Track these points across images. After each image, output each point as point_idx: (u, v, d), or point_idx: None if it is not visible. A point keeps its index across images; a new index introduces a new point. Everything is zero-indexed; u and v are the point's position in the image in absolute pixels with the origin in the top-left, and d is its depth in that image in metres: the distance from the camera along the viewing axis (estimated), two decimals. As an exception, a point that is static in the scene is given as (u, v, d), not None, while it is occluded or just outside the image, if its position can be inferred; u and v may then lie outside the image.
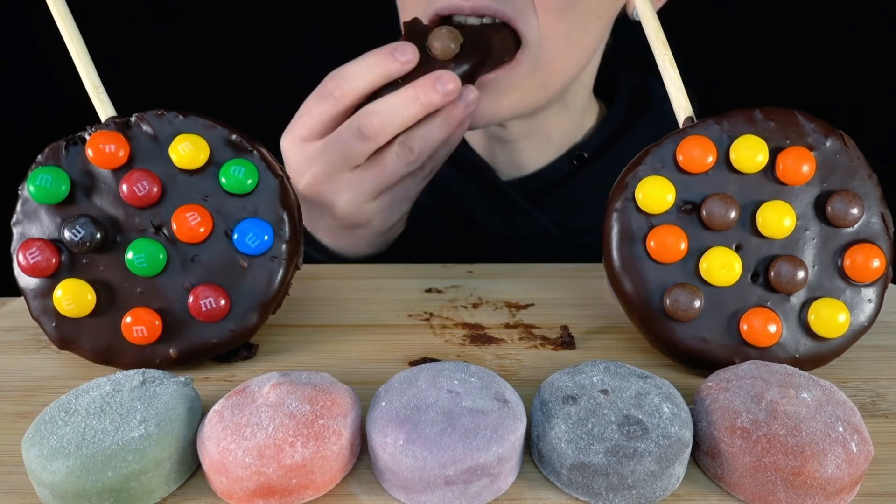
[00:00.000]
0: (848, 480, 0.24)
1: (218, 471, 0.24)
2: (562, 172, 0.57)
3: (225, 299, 0.32)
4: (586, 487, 0.24)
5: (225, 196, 0.33)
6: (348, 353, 0.35)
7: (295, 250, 0.34)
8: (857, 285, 0.32)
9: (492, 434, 0.24)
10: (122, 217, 0.33)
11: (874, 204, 0.32)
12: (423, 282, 0.43)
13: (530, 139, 0.56)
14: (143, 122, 0.33)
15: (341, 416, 0.25)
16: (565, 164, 0.57)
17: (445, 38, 0.41)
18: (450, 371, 0.27)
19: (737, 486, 0.25)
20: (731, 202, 0.32)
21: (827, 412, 0.25)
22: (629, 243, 0.32)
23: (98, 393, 0.26)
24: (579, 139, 0.58)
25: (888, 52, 0.77)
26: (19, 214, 0.33)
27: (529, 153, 0.57)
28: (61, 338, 0.32)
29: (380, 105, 0.40)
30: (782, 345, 0.31)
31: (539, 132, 0.56)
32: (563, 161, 0.57)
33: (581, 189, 0.56)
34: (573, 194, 0.57)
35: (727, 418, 0.25)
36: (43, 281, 0.32)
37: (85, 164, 0.33)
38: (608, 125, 0.58)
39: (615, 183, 0.34)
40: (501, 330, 0.37)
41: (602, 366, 0.28)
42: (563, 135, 0.57)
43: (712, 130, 0.33)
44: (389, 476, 0.24)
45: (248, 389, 0.26)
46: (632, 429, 0.24)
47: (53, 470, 0.23)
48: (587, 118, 0.59)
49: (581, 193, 0.56)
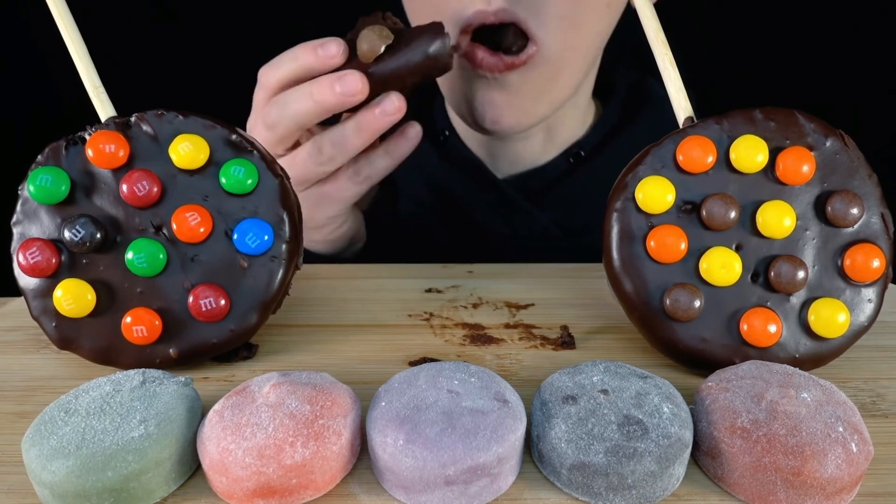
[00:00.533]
0: (848, 480, 0.24)
1: (218, 471, 0.24)
2: (559, 171, 0.57)
3: (225, 299, 0.32)
4: (586, 487, 0.24)
5: (225, 196, 0.33)
6: (348, 353, 0.35)
7: (295, 250, 0.34)
8: (858, 285, 0.32)
9: (492, 434, 0.24)
10: (122, 217, 0.33)
11: (874, 204, 0.32)
12: (423, 282, 0.43)
13: (534, 137, 0.56)
14: (143, 122, 0.33)
15: (341, 416, 0.25)
16: (563, 163, 0.57)
17: (371, 38, 0.39)
18: (450, 371, 0.27)
19: (737, 486, 0.25)
20: (731, 202, 0.32)
21: (827, 412, 0.25)
22: (629, 243, 0.32)
23: (98, 393, 0.26)
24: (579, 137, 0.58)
25: (888, 52, 0.77)
26: (19, 214, 0.33)
27: (530, 150, 0.57)
28: (61, 338, 0.32)
29: (280, 97, 0.40)
30: (782, 345, 0.31)
31: (542, 130, 0.56)
32: (560, 159, 0.57)
33: (578, 188, 0.56)
34: (571, 193, 0.57)
35: (727, 418, 0.25)
36: (43, 281, 0.32)
37: (85, 164, 0.33)
38: (605, 123, 0.58)
39: (615, 183, 0.34)
40: (501, 330, 0.37)
41: (602, 366, 0.28)
42: (566, 133, 0.57)
43: (712, 130, 0.33)
44: (389, 476, 0.24)
45: (248, 389, 0.26)
46: (632, 429, 0.24)
47: (53, 470, 0.23)
48: (587, 116, 0.59)
49: (578, 192, 0.56)
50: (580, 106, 0.57)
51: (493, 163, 0.58)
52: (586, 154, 0.57)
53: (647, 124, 0.57)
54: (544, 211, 0.56)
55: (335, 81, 0.39)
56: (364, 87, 0.39)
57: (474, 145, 0.58)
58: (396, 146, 0.45)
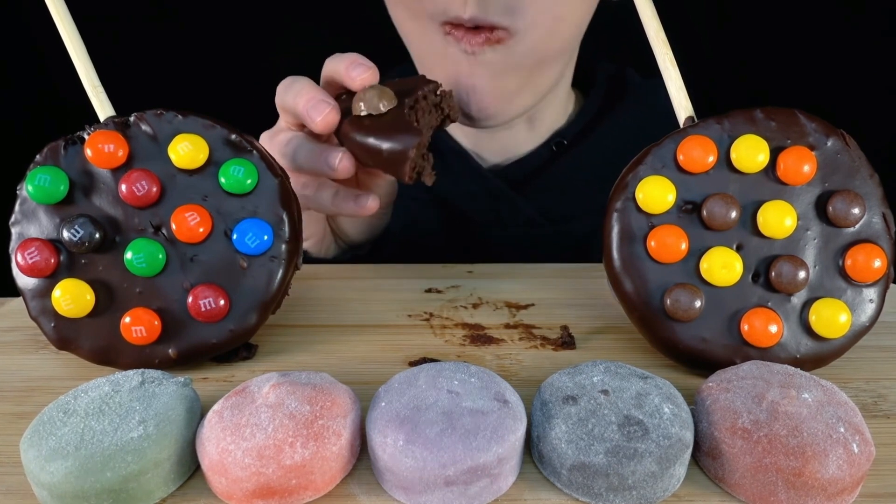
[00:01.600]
0: (849, 481, 0.24)
1: (217, 471, 0.24)
2: (542, 159, 0.58)
3: (224, 299, 0.32)
4: (586, 488, 0.24)
5: (224, 196, 0.33)
6: (348, 353, 0.35)
7: (294, 250, 0.33)
8: (859, 285, 0.31)
9: (492, 434, 0.24)
10: (121, 217, 0.33)
11: (875, 204, 0.32)
12: (423, 282, 0.43)
13: (517, 126, 0.57)
14: (143, 122, 0.33)
15: (341, 416, 0.25)
16: (546, 151, 0.58)
17: (369, 99, 0.37)
18: (450, 371, 0.27)
19: (737, 487, 0.25)
20: (731, 202, 0.32)
21: (828, 413, 0.25)
22: (629, 243, 0.32)
23: (97, 393, 0.26)
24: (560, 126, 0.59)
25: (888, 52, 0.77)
26: (18, 214, 0.33)
27: (515, 140, 0.58)
28: (60, 338, 0.32)
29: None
30: (783, 345, 0.31)
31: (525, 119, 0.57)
32: (543, 148, 0.58)
33: (561, 175, 0.57)
34: (554, 181, 0.58)
35: (728, 419, 0.25)
36: (41, 281, 0.32)
37: (84, 163, 0.33)
38: (586, 112, 0.59)
39: (616, 183, 0.34)
40: (501, 330, 0.37)
41: (602, 366, 0.28)
42: (548, 122, 0.58)
43: (713, 130, 0.33)
44: (389, 476, 0.24)
45: (248, 390, 0.26)
46: (632, 429, 0.24)
47: (52, 471, 0.23)
48: (568, 105, 0.60)
49: (562, 180, 0.57)
50: (561, 96, 0.58)
51: (479, 154, 0.59)
52: (569, 142, 0.58)
53: (626, 113, 0.59)
54: (528, 199, 0.57)
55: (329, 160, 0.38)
56: (351, 167, 0.38)
57: (461, 137, 0.59)
58: (345, 203, 0.41)
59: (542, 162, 0.58)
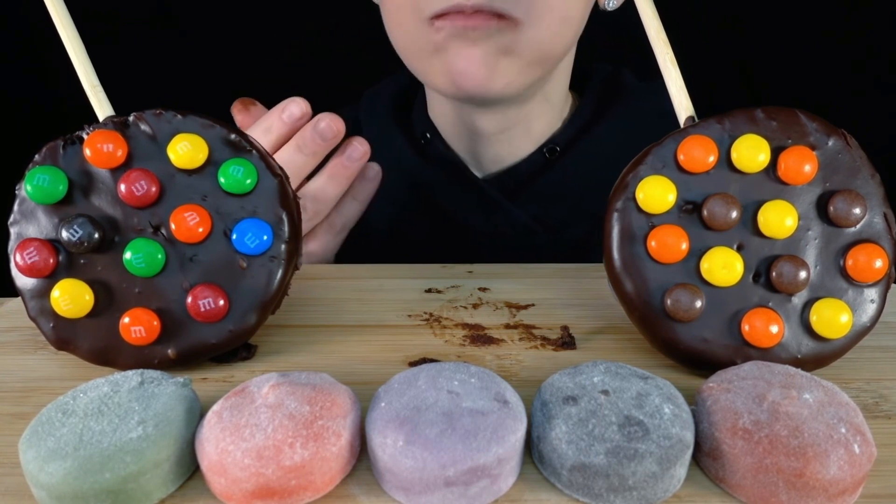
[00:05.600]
0: (850, 482, 0.23)
1: (217, 472, 0.24)
2: (536, 166, 0.57)
3: (224, 299, 0.32)
4: (587, 489, 0.24)
5: (224, 196, 0.33)
6: (348, 353, 0.35)
7: (294, 250, 0.33)
8: (860, 286, 0.31)
9: (492, 435, 0.24)
10: (120, 217, 0.32)
11: (877, 204, 0.32)
12: (423, 282, 0.43)
13: (511, 132, 0.56)
14: (142, 122, 0.33)
15: (341, 416, 0.25)
16: (539, 158, 0.58)
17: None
18: (450, 371, 0.27)
19: (738, 488, 0.25)
20: (732, 202, 0.31)
21: (829, 413, 0.25)
22: (630, 243, 0.32)
23: (96, 394, 0.26)
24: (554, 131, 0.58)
25: (888, 51, 0.77)
26: (16, 214, 0.33)
27: (509, 147, 0.57)
28: (59, 338, 0.32)
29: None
30: (784, 345, 0.31)
31: (521, 124, 0.56)
32: (537, 155, 0.58)
33: (556, 182, 0.57)
34: (548, 188, 0.57)
35: (729, 419, 0.25)
36: (40, 281, 0.32)
37: (83, 163, 0.33)
38: (579, 117, 0.59)
39: (616, 183, 0.34)
40: (501, 330, 0.37)
41: (602, 366, 0.28)
42: (542, 127, 0.58)
43: (713, 130, 0.33)
44: (389, 477, 0.24)
45: (247, 390, 0.26)
46: (633, 430, 0.24)
47: (51, 471, 0.23)
48: (563, 110, 0.60)
49: (556, 187, 0.57)
50: (555, 100, 0.57)
51: (474, 162, 0.58)
52: (562, 149, 0.57)
53: (620, 117, 0.58)
54: (524, 207, 0.56)
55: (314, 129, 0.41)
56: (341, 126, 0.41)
57: (457, 145, 0.58)
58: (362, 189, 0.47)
59: (536, 169, 0.57)
